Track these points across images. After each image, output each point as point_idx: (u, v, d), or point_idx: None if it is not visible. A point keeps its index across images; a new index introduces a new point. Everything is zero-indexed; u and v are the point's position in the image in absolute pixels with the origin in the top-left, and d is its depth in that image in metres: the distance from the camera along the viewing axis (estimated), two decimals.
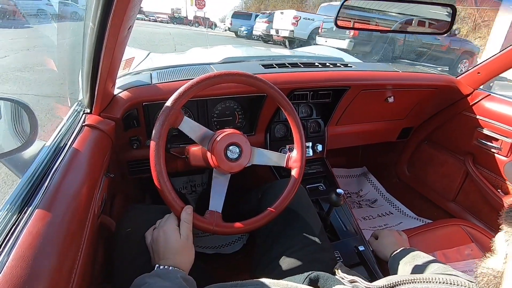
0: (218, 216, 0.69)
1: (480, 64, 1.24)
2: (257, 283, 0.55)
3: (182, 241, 0.61)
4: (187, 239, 0.62)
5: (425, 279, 0.37)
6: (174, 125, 0.66)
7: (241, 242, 1.37)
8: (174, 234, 0.61)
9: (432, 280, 0.37)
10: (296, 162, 0.78)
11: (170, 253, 0.59)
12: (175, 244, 0.60)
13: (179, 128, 0.68)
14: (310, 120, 1.26)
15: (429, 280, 0.37)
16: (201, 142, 0.72)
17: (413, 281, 0.38)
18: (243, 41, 12.56)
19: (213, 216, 0.69)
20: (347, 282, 0.48)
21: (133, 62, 1.41)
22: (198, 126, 0.72)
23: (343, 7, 1.04)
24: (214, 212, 0.70)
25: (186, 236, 0.62)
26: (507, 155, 1.17)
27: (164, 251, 0.59)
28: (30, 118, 0.54)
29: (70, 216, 0.48)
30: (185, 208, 0.64)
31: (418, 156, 1.59)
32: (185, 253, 0.61)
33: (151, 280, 0.51)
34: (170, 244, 0.60)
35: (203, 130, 0.72)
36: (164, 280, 0.52)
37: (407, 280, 0.38)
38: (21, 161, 0.60)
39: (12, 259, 0.37)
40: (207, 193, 1.75)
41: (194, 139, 0.72)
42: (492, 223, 1.23)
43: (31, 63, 3.56)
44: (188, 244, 0.62)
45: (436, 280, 0.36)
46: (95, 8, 0.49)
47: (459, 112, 1.34)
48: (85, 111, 0.78)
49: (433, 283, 0.36)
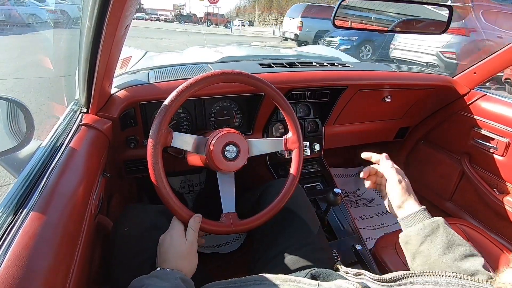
0: (234, 217, 0.70)
1: (476, 64, 1.24)
2: (256, 279, 0.55)
3: (187, 246, 0.61)
4: (192, 245, 0.62)
5: (435, 273, 0.37)
6: (166, 145, 0.66)
7: (239, 242, 1.38)
8: (180, 239, 0.61)
9: (442, 274, 0.37)
10: (294, 143, 0.77)
11: (173, 256, 0.59)
12: (179, 249, 0.60)
13: (172, 145, 0.67)
14: (308, 120, 1.26)
15: (439, 274, 0.37)
16: (197, 151, 0.72)
17: (422, 274, 0.38)
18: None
19: (229, 218, 0.69)
20: (352, 275, 0.48)
21: (130, 61, 1.40)
22: (189, 136, 0.71)
23: (340, 7, 1.04)
24: (229, 213, 0.70)
25: (191, 242, 0.62)
26: (503, 155, 1.18)
27: (167, 254, 0.59)
28: (26, 117, 0.54)
29: (66, 216, 0.48)
30: (194, 216, 0.65)
31: (415, 155, 1.60)
32: (188, 259, 0.61)
33: (149, 281, 0.51)
34: (174, 248, 0.60)
35: (195, 138, 0.71)
36: (162, 281, 0.51)
37: (417, 273, 0.38)
38: (17, 160, 0.60)
39: (8, 259, 0.37)
40: (204, 193, 1.75)
41: (190, 151, 0.72)
42: (488, 222, 1.24)
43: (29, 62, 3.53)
44: (192, 250, 0.62)
45: (447, 274, 0.36)
46: (92, 7, 0.49)
47: (456, 112, 1.35)
48: (82, 110, 0.78)
49: (442, 277, 0.36)
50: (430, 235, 0.53)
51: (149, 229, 0.68)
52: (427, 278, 0.37)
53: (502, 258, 0.88)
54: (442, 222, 0.55)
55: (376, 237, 1.24)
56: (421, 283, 0.38)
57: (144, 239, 0.66)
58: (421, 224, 0.55)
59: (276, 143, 0.79)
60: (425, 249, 0.53)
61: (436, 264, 0.50)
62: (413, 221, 0.57)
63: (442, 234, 0.52)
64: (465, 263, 0.49)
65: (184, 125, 1.06)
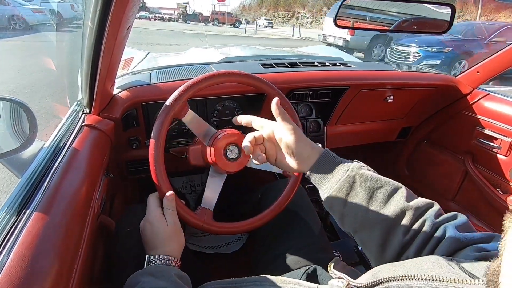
0: (209, 214, 0.69)
1: (479, 63, 1.24)
2: (255, 280, 0.55)
3: (169, 227, 0.60)
4: (174, 224, 0.61)
5: (409, 276, 0.36)
6: (178, 116, 0.65)
7: (241, 242, 1.37)
8: (160, 222, 0.60)
9: (416, 277, 0.36)
10: None
11: (159, 241, 0.58)
12: (163, 233, 0.59)
13: (182, 120, 0.67)
14: (310, 120, 1.26)
15: (413, 278, 0.36)
16: (202, 138, 0.72)
17: (395, 278, 0.38)
18: None
19: (204, 212, 0.69)
20: (336, 278, 0.48)
21: (132, 62, 1.41)
22: (202, 121, 0.71)
23: (342, 6, 1.03)
24: (206, 209, 0.69)
25: (173, 222, 0.61)
26: (506, 154, 1.17)
27: (153, 240, 0.59)
28: (29, 118, 0.54)
29: (69, 216, 0.48)
30: (166, 195, 0.63)
31: (417, 155, 1.60)
32: (174, 239, 0.60)
33: (144, 278, 0.51)
34: (158, 233, 0.59)
35: (206, 126, 0.72)
36: (158, 279, 0.51)
37: (391, 278, 0.38)
38: (20, 161, 0.60)
39: (11, 259, 0.37)
40: None
41: (196, 134, 0.72)
42: (491, 222, 1.24)
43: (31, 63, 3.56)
44: (176, 229, 0.61)
45: (422, 277, 0.35)
46: (94, 7, 0.49)
47: (458, 111, 1.34)
48: (84, 111, 0.78)
49: (416, 280, 0.36)
50: (350, 192, 0.49)
51: None
52: (401, 283, 0.37)
53: None
54: (356, 170, 0.50)
55: None
56: (396, 287, 0.37)
57: None
58: (338, 185, 0.50)
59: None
60: (350, 209, 0.50)
61: (365, 221, 0.49)
62: (325, 177, 0.52)
63: (360, 186, 0.49)
64: (389, 207, 0.48)
65: (186, 126, 1.06)
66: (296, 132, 0.54)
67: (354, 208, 0.49)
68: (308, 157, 0.54)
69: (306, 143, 0.55)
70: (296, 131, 0.54)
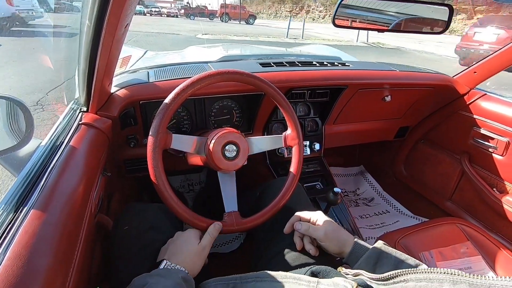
0: (236, 215, 0.70)
1: (476, 64, 1.24)
2: (257, 275, 0.55)
3: (199, 248, 0.62)
4: (204, 249, 0.63)
5: (427, 270, 0.39)
6: (166, 147, 0.66)
7: (239, 241, 1.38)
8: (194, 240, 0.63)
9: (433, 271, 0.38)
10: (294, 140, 0.77)
11: (182, 252, 0.60)
12: (191, 247, 0.61)
13: (172, 147, 0.67)
14: (308, 119, 1.26)
15: (431, 271, 0.39)
16: (197, 152, 0.72)
17: (414, 272, 0.40)
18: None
19: (231, 216, 0.70)
20: (351, 275, 0.50)
21: (130, 60, 1.40)
22: (188, 137, 0.71)
23: (340, 6, 1.03)
24: (232, 213, 0.71)
25: (204, 246, 0.63)
26: (502, 154, 1.18)
27: (178, 249, 0.60)
28: (25, 116, 0.54)
29: (66, 215, 0.48)
30: (214, 223, 0.66)
31: (415, 155, 1.60)
32: (195, 260, 0.61)
33: (152, 279, 0.51)
34: (186, 246, 0.61)
35: (194, 139, 0.71)
36: (165, 279, 0.51)
37: (409, 271, 0.40)
38: (17, 159, 0.60)
39: (8, 258, 0.37)
40: (204, 192, 1.75)
41: (190, 152, 0.72)
42: (488, 222, 1.24)
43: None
44: (202, 254, 0.63)
45: (438, 271, 0.38)
46: (92, 6, 0.49)
47: (456, 111, 1.35)
48: (82, 109, 0.77)
49: (434, 273, 0.38)
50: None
51: (149, 228, 0.68)
52: (420, 275, 0.39)
53: (501, 257, 0.88)
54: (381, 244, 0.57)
55: (376, 236, 1.24)
56: (414, 280, 0.40)
57: (144, 238, 0.66)
58: (365, 255, 0.57)
59: (276, 140, 0.79)
60: None
61: None
62: (357, 256, 0.59)
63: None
64: None
65: (184, 124, 1.06)
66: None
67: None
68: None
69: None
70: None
